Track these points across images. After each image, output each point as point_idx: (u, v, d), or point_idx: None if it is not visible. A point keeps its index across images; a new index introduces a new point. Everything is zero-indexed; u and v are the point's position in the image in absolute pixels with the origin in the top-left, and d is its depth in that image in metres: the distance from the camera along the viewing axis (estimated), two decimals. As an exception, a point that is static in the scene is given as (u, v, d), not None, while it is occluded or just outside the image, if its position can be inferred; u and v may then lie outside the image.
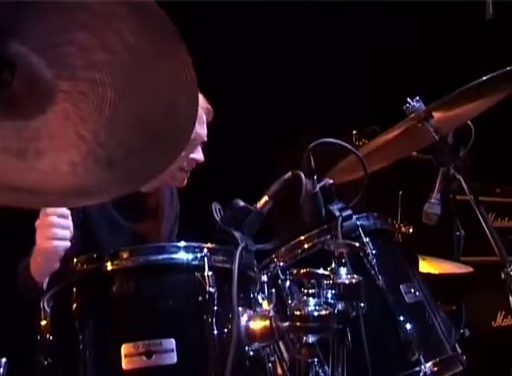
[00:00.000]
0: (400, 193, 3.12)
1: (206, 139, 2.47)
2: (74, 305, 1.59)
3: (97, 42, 1.28)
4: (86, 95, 1.38)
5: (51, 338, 1.65)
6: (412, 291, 1.98)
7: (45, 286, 1.68)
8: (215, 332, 1.56)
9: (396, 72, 3.81)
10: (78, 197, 1.57)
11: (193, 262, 1.60)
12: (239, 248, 1.66)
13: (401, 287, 1.96)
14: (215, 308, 1.57)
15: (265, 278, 1.83)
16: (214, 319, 1.56)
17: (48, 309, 1.68)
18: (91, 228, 2.36)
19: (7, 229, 2.44)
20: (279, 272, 1.86)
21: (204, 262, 1.61)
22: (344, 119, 3.35)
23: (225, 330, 1.57)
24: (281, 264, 1.94)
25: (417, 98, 2.39)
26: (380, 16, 3.72)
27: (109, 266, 1.58)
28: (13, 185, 1.49)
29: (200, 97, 2.39)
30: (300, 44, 3.81)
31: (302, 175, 1.79)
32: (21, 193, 1.52)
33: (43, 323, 1.66)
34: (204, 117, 2.45)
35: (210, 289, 1.57)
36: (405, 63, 3.85)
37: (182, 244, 1.62)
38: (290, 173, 1.83)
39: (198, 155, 2.44)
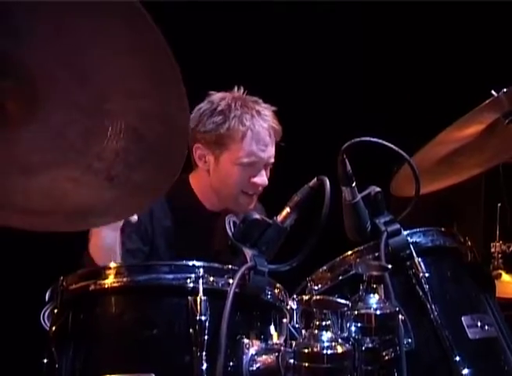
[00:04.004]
0: (498, 205, 2.67)
1: (272, 160, 2.24)
2: (53, 329, 1.42)
3: (87, 56, 1.25)
4: (77, 105, 1.33)
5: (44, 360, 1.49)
6: (479, 324, 1.59)
7: (46, 297, 1.52)
8: (204, 367, 1.31)
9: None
10: (84, 218, 1.47)
11: (185, 284, 1.37)
12: (243, 268, 1.40)
13: (463, 319, 1.58)
14: (205, 338, 1.32)
15: (293, 305, 1.57)
16: (203, 352, 1.32)
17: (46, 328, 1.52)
18: (156, 248, 2.22)
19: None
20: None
21: (199, 284, 1.37)
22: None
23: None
24: (315, 288, 1.66)
25: (505, 90, 2.01)
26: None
27: (91, 286, 1.39)
28: (18, 205, 1.42)
29: (266, 115, 2.21)
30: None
31: (326, 181, 1.49)
32: (27, 215, 1.43)
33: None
34: (268, 139, 2.20)
35: (202, 317, 1.33)
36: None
37: (174, 262, 1.40)
38: (315, 179, 1.54)
39: (260, 179, 2.21)
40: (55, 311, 1.43)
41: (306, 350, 1.30)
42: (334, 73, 3.37)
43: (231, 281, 1.40)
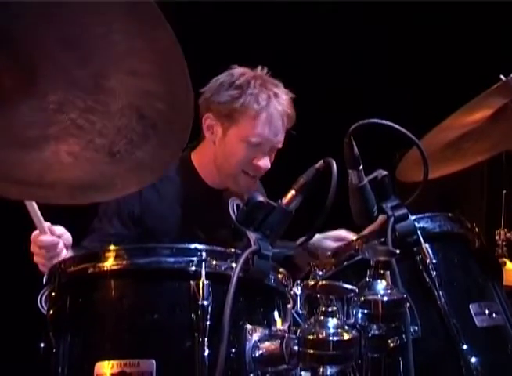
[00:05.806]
0: (504, 192, 2.63)
1: (279, 146, 2.18)
2: (51, 313, 1.38)
3: (88, 34, 1.25)
4: (76, 82, 1.32)
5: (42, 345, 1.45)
6: (487, 312, 1.56)
7: (44, 280, 1.47)
8: (206, 353, 1.28)
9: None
10: (85, 192, 1.45)
11: (187, 268, 1.33)
12: (246, 252, 1.36)
13: (470, 306, 1.54)
14: (207, 323, 1.28)
15: (297, 290, 1.53)
16: (205, 338, 1.28)
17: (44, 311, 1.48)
18: (150, 227, 2.15)
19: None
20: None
21: (201, 267, 1.33)
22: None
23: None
24: (320, 273, 1.62)
25: (515, 74, 1.96)
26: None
27: (90, 269, 1.35)
28: (18, 177, 1.40)
29: (283, 99, 2.16)
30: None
31: (333, 163, 1.45)
32: (26, 186, 1.42)
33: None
34: (280, 123, 2.14)
35: (204, 302, 1.29)
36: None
37: (176, 245, 1.36)
38: (321, 161, 1.49)
39: (263, 162, 2.15)
40: (53, 294, 1.39)
41: (311, 337, 1.26)
42: (337, 55, 3.34)
43: (234, 265, 1.36)
